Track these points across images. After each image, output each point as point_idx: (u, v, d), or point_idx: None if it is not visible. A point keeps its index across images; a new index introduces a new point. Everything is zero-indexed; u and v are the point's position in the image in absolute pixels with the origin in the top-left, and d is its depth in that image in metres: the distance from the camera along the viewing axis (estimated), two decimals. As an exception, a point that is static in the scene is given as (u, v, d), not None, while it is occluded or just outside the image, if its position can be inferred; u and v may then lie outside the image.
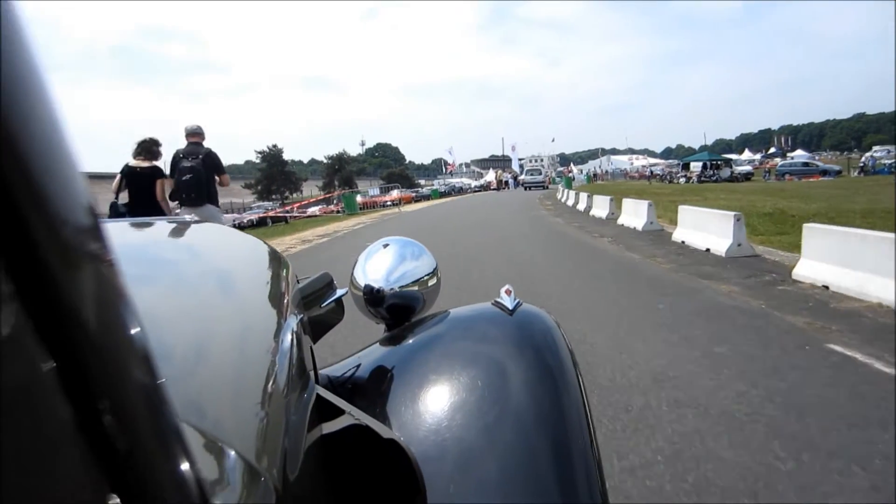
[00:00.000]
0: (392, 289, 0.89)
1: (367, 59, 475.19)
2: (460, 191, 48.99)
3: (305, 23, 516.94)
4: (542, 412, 0.62)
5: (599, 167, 60.70)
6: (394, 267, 0.90)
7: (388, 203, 37.20)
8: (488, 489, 0.54)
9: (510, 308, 0.76)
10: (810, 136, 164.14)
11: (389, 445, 0.50)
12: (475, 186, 53.61)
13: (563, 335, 0.75)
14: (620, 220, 10.96)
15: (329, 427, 0.52)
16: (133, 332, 0.20)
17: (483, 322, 0.77)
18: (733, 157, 42.89)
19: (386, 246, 0.94)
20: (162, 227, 0.95)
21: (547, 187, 39.74)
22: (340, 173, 67.10)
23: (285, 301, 0.67)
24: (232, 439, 0.31)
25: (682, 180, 39.72)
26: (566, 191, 23.62)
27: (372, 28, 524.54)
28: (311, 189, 65.85)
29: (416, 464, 0.49)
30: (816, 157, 50.17)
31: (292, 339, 0.54)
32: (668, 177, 43.10)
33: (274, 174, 59.56)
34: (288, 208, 35.57)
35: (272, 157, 60.16)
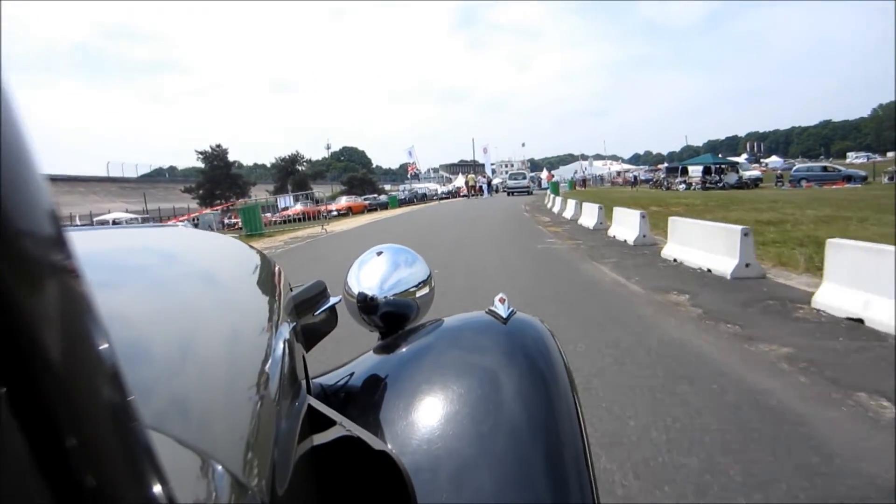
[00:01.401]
0: (386, 297, 0.87)
1: (336, 63, 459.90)
2: (424, 198, 40.87)
3: (273, 26, 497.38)
4: (536, 421, 0.62)
5: (577, 172, 54.70)
6: (388, 275, 0.89)
7: (335, 213, 30.04)
8: (481, 500, 0.54)
9: (504, 317, 0.76)
10: (777, 142, 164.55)
11: (380, 458, 0.49)
12: (442, 193, 45.89)
13: (556, 343, 0.75)
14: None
15: (320, 438, 0.51)
16: (100, 348, 0.18)
17: (477, 331, 0.76)
18: (739, 160, 37.05)
19: (380, 254, 0.92)
20: (152, 233, 0.97)
21: (531, 192, 35.16)
22: (294, 176, 59.55)
23: (278, 308, 0.66)
24: (218, 451, 0.30)
25: (682, 187, 33.96)
26: (554, 197, 19.25)
27: (340, 31, 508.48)
28: (261, 193, 59.48)
29: (407, 476, 0.49)
30: (794, 163, 45.47)
31: (284, 348, 0.54)
32: (664, 183, 37.16)
33: (218, 177, 51.68)
34: (192, 216, 28.19)
35: (216, 158, 52.20)
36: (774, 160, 59.45)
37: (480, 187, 38.89)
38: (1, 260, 0.15)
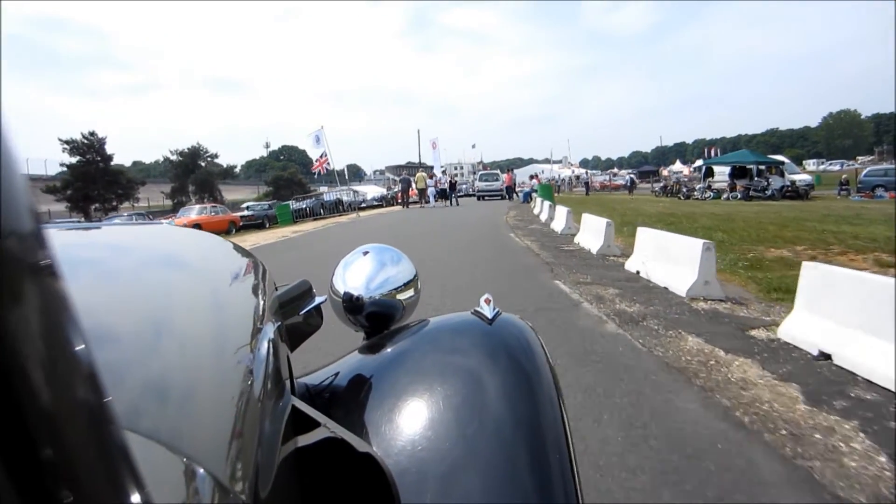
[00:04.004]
0: (371, 297, 0.87)
1: (282, 62, 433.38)
2: (338, 208, 24.56)
3: (218, 22, 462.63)
4: (520, 422, 0.61)
5: (550, 175, 45.26)
6: (373, 275, 0.88)
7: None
8: (465, 500, 0.54)
9: (489, 317, 0.76)
10: (724, 149, 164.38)
11: (365, 460, 0.49)
12: (373, 199, 32.72)
13: (541, 344, 0.75)
14: None
15: (304, 440, 0.51)
16: (77, 349, 0.18)
17: (462, 331, 0.76)
18: (783, 158, 27.66)
19: (365, 254, 0.92)
20: (136, 230, 0.96)
21: (504, 197, 27.66)
22: (195, 174, 46.05)
23: (263, 308, 0.66)
24: (200, 453, 0.30)
25: (709, 195, 24.16)
26: (547, 207, 13.97)
27: (288, 30, 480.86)
28: (155, 195, 45.88)
29: (391, 478, 0.49)
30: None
31: (269, 348, 0.54)
32: (682, 191, 27.16)
33: (91, 174, 37.55)
34: None
35: (89, 150, 38.08)
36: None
37: (429, 193, 25.39)
38: None
